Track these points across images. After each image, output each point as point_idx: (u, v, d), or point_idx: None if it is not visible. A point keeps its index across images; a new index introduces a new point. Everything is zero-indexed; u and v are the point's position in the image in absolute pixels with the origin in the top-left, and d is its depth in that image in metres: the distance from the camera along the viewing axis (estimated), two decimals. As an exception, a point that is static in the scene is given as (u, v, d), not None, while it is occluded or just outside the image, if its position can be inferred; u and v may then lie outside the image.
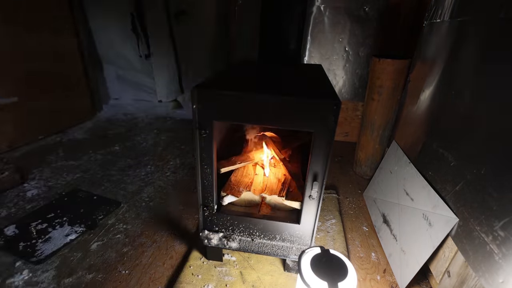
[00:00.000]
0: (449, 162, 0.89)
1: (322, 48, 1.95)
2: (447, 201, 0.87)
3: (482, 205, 0.74)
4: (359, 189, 1.56)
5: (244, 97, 0.74)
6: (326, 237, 1.19)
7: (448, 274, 0.85)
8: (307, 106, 0.73)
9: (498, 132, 0.73)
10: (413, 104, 1.23)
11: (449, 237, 0.85)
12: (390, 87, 1.42)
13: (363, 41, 1.90)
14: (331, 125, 0.73)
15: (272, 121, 0.76)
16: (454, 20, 0.99)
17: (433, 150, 0.99)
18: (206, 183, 0.89)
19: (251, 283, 0.96)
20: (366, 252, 1.13)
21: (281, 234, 0.94)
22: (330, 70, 1.99)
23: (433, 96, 1.07)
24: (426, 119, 1.10)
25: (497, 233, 0.67)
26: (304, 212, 0.87)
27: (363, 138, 1.61)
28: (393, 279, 1.01)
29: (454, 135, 0.90)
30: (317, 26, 1.89)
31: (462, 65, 0.92)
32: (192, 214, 1.33)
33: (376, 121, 1.51)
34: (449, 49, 1.01)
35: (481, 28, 0.85)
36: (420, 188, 1.00)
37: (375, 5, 1.80)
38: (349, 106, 2.07)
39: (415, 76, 1.29)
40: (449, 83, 0.98)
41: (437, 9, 1.14)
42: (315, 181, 0.81)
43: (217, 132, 0.83)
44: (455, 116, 0.91)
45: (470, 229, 0.77)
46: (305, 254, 0.78)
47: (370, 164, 1.63)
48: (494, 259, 0.67)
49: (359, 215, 1.36)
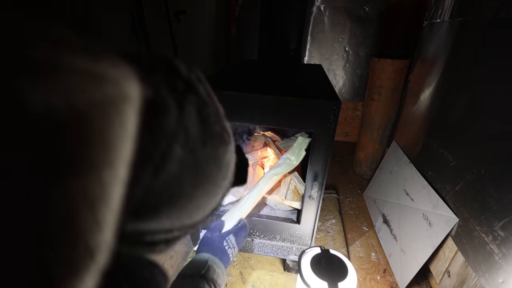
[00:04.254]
0: (449, 162, 0.89)
1: (322, 48, 1.95)
2: (447, 201, 0.87)
3: (482, 205, 0.74)
4: (359, 189, 1.56)
5: (244, 97, 0.74)
6: (326, 237, 1.19)
7: (448, 274, 0.85)
8: (307, 106, 0.73)
9: (498, 132, 0.73)
10: (413, 104, 1.23)
11: (449, 237, 0.85)
12: (390, 87, 1.42)
13: (363, 41, 1.90)
14: (331, 125, 0.73)
15: (272, 121, 0.76)
16: (454, 20, 0.99)
17: (433, 150, 0.99)
18: (206, 183, 0.89)
19: (251, 283, 0.96)
20: (366, 252, 1.13)
21: (281, 234, 0.94)
22: (330, 70, 1.99)
23: (433, 96, 1.07)
24: (426, 119, 1.10)
25: (497, 233, 0.67)
26: (304, 212, 0.87)
27: (363, 138, 1.61)
28: (393, 279, 1.01)
29: (454, 135, 0.90)
30: (317, 26, 1.89)
31: (462, 65, 0.92)
32: (192, 214, 1.33)
33: (376, 121, 1.51)
34: (449, 49, 1.01)
35: (481, 28, 0.85)
36: (420, 188, 1.00)
37: (375, 5, 1.80)
38: (349, 106, 2.07)
39: (415, 76, 1.29)
40: (449, 83, 0.98)
41: (437, 9, 1.14)
42: (315, 181, 0.81)
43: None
44: (455, 116, 0.91)
45: (470, 229, 0.77)
46: (305, 254, 0.78)
47: (370, 164, 1.63)
48: (494, 259, 0.67)
49: (359, 215, 1.36)
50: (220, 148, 0.20)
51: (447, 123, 0.95)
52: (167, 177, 0.15)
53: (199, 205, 0.20)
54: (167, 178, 0.15)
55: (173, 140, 0.15)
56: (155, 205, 0.16)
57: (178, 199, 0.17)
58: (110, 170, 0.09)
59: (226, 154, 0.21)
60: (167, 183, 0.15)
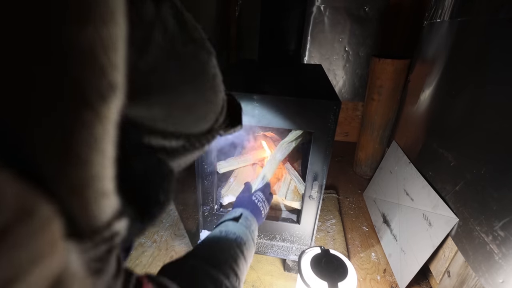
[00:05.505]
0: (449, 162, 0.89)
1: (322, 48, 1.95)
2: (447, 201, 0.87)
3: (482, 205, 0.74)
4: (359, 189, 1.56)
5: (243, 97, 0.74)
6: (326, 237, 1.19)
7: (448, 274, 0.85)
8: (307, 106, 0.73)
9: (498, 132, 0.73)
10: (413, 104, 1.23)
11: (449, 237, 0.85)
12: (390, 87, 1.42)
13: (363, 41, 1.89)
14: (331, 125, 0.73)
15: (272, 121, 0.76)
16: (454, 20, 0.99)
17: (433, 150, 0.99)
18: (206, 183, 0.89)
19: (251, 283, 0.96)
20: (366, 252, 1.13)
21: (281, 234, 0.94)
22: (330, 70, 1.99)
23: (433, 96, 1.07)
24: (426, 119, 1.10)
25: (497, 233, 0.67)
26: (304, 212, 0.87)
27: (363, 138, 1.61)
28: (393, 279, 1.01)
29: (454, 135, 0.90)
30: (317, 26, 1.89)
31: (462, 65, 0.92)
32: (192, 214, 1.33)
33: (376, 121, 1.51)
34: (449, 49, 1.01)
35: (481, 28, 0.85)
36: (420, 188, 1.00)
37: (375, 5, 1.80)
38: (349, 106, 2.07)
39: (415, 76, 1.29)
40: (449, 83, 0.98)
41: (437, 9, 1.14)
42: (315, 181, 0.81)
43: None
44: (455, 116, 0.91)
45: (470, 229, 0.77)
46: (305, 254, 0.78)
47: (370, 164, 1.63)
48: (494, 259, 0.67)
49: (359, 215, 1.36)
50: (202, 53, 0.21)
51: (447, 123, 0.95)
52: (151, 60, 0.17)
53: (189, 107, 0.21)
54: (151, 60, 0.17)
55: (153, 28, 0.17)
56: (145, 86, 0.18)
57: (166, 87, 0.19)
58: (115, 26, 0.12)
59: (210, 62, 0.22)
60: (152, 66, 0.17)
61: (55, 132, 0.12)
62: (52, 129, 0.12)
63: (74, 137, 0.12)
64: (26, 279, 0.11)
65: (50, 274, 0.12)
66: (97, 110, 0.12)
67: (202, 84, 0.22)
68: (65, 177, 0.12)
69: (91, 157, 0.13)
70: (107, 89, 0.12)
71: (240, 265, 0.48)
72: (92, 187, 0.13)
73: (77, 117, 0.12)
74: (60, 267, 0.13)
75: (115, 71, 0.13)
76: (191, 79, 0.20)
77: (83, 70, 0.11)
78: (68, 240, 0.14)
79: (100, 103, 0.12)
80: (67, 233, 0.13)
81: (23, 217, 0.11)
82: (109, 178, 0.14)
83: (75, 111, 0.12)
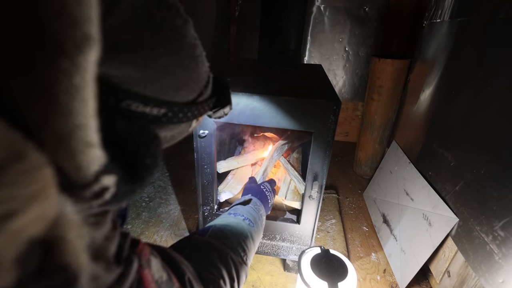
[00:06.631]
0: (449, 162, 0.89)
1: (322, 48, 1.95)
2: (447, 201, 0.87)
3: (482, 205, 0.74)
4: (359, 189, 1.56)
5: (243, 97, 0.74)
6: (326, 237, 1.19)
7: (448, 274, 0.85)
8: (307, 106, 0.73)
9: (498, 132, 0.73)
10: (413, 104, 1.23)
11: (449, 237, 0.85)
12: (390, 87, 1.42)
13: (363, 41, 1.89)
14: (331, 125, 0.73)
15: (272, 121, 0.76)
16: (454, 20, 0.99)
17: (433, 150, 0.99)
18: (206, 183, 0.89)
19: (251, 283, 0.96)
20: (366, 252, 1.13)
21: (281, 234, 0.94)
22: (330, 70, 1.99)
23: (433, 96, 1.07)
24: (426, 119, 1.10)
25: (497, 233, 0.67)
26: (304, 212, 0.87)
27: (363, 138, 1.61)
28: (393, 279, 1.01)
29: (454, 135, 0.90)
30: (317, 26, 1.89)
31: (462, 65, 0.92)
32: (192, 214, 1.33)
33: (376, 121, 1.51)
34: (449, 49, 1.01)
35: (481, 28, 0.85)
36: (420, 188, 1.00)
37: (375, 5, 1.80)
38: (349, 106, 2.07)
39: (415, 76, 1.29)
40: (449, 83, 0.98)
41: (437, 9, 1.14)
42: (315, 181, 0.81)
43: (217, 132, 0.83)
44: (455, 116, 0.91)
45: (470, 229, 0.77)
46: (305, 254, 0.78)
47: (370, 164, 1.63)
48: (494, 259, 0.67)
49: (359, 215, 1.36)
50: (177, 18, 0.21)
51: (447, 123, 0.95)
52: (121, 16, 0.17)
53: (166, 72, 0.21)
54: (121, 17, 0.17)
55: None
56: (115, 43, 0.18)
57: (137, 47, 0.19)
58: None
59: (186, 29, 0.22)
60: (121, 23, 0.17)
61: (37, 80, 0.12)
62: (33, 77, 0.12)
63: (54, 85, 0.13)
64: (25, 213, 0.12)
65: (47, 215, 0.13)
66: (74, 60, 0.13)
67: (180, 50, 0.22)
68: (50, 127, 0.13)
69: (73, 106, 0.13)
70: (82, 40, 0.13)
71: (248, 243, 0.49)
72: (76, 137, 0.14)
73: (55, 66, 0.12)
74: (56, 212, 0.14)
75: (88, 24, 0.13)
76: (165, 42, 0.20)
77: (57, 21, 0.12)
78: (61, 192, 0.14)
79: (76, 53, 0.13)
80: (59, 184, 0.14)
81: (17, 158, 0.12)
82: (93, 130, 0.15)
83: (52, 59, 0.12)
